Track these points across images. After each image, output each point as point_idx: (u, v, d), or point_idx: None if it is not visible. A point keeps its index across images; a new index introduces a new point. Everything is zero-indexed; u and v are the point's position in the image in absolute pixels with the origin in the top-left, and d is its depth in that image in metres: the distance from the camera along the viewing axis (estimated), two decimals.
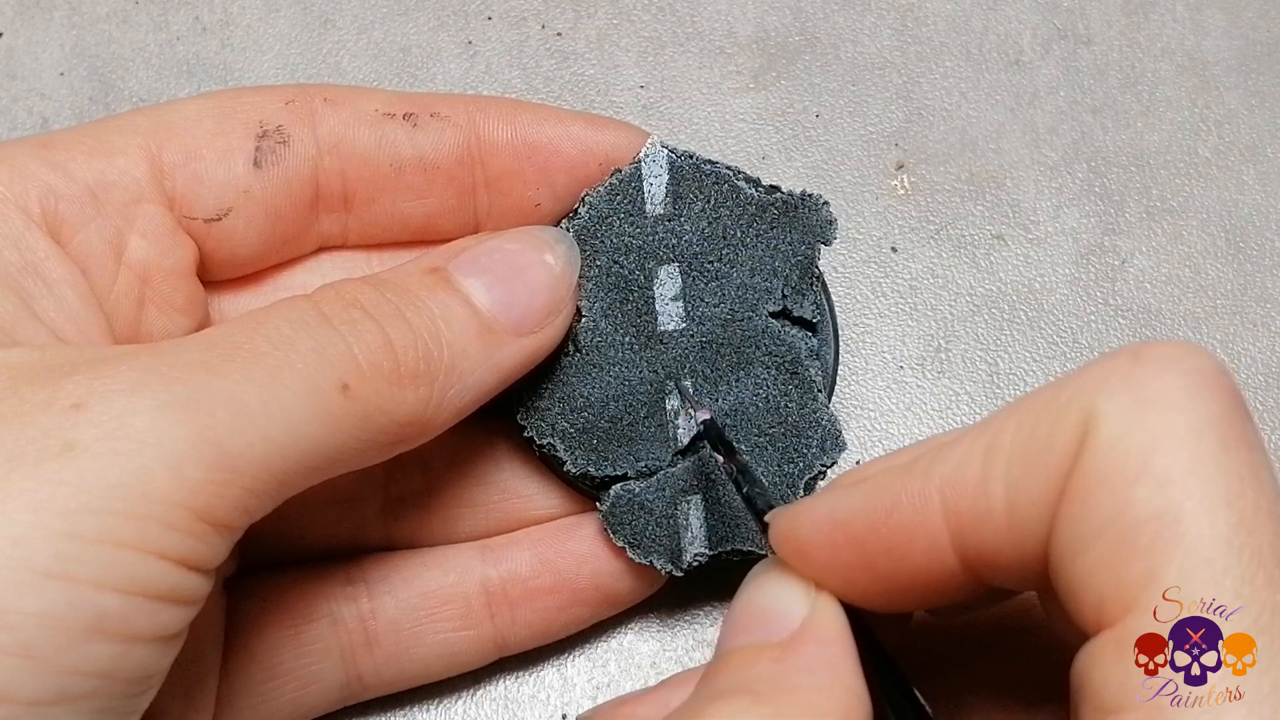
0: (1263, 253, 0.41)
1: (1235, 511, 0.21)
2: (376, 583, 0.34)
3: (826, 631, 0.25)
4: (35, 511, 0.23)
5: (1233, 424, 0.22)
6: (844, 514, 0.25)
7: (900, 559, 0.24)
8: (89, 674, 0.23)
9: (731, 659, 0.25)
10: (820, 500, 0.25)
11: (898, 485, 0.24)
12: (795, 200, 0.34)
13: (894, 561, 0.24)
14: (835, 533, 0.25)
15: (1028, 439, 0.23)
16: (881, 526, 0.24)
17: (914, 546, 0.24)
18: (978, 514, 0.23)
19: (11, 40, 0.43)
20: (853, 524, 0.25)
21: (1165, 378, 0.22)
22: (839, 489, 0.25)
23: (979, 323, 0.40)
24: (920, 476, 0.24)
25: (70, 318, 0.29)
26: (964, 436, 0.24)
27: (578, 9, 0.43)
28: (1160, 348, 0.23)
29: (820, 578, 0.26)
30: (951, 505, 0.24)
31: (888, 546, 0.24)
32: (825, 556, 0.25)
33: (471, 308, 0.30)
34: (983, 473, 0.23)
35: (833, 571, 0.25)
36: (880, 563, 0.24)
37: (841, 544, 0.25)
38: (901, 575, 0.25)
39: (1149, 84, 0.43)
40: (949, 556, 0.24)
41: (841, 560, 0.25)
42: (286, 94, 0.33)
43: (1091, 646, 0.22)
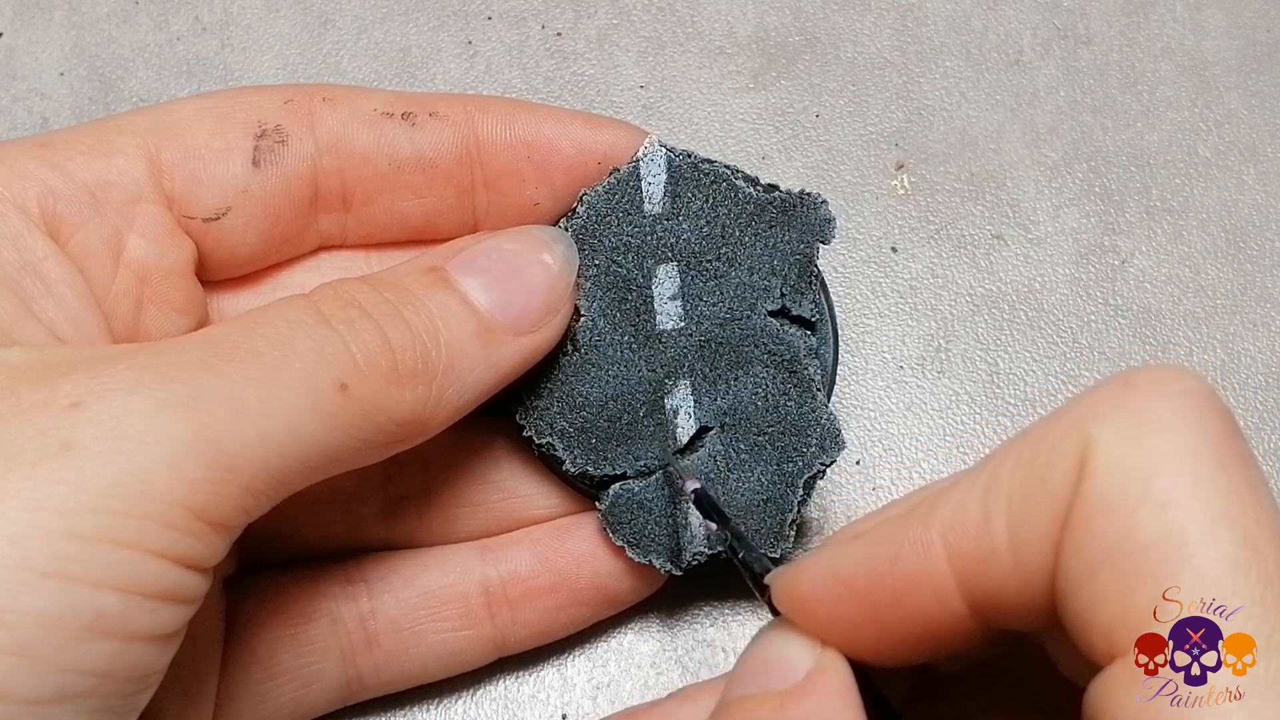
0: (1263, 253, 0.41)
1: (1239, 531, 0.21)
2: (376, 582, 0.34)
3: (830, 684, 0.25)
4: (33, 510, 0.23)
5: (1228, 444, 0.22)
6: (846, 568, 0.24)
7: (907, 609, 0.24)
8: (87, 673, 0.23)
9: (733, 708, 0.25)
10: (820, 556, 0.25)
11: (899, 534, 0.24)
12: (794, 199, 0.34)
13: (900, 612, 0.24)
14: (838, 587, 0.24)
15: (1026, 473, 0.23)
16: (886, 577, 0.24)
17: (920, 595, 0.24)
18: (982, 554, 0.23)
19: (11, 40, 0.43)
20: (856, 577, 0.24)
21: (1158, 402, 0.22)
22: (838, 544, 0.25)
23: (979, 323, 0.40)
24: (921, 523, 0.24)
25: (69, 317, 0.29)
26: (962, 479, 0.24)
27: (578, 9, 0.43)
28: (1150, 373, 0.23)
29: (826, 634, 0.25)
30: (955, 548, 0.23)
31: (893, 597, 0.24)
32: (830, 611, 0.25)
33: (470, 307, 0.30)
34: (984, 512, 0.23)
35: (838, 626, 0.25)
36: (887, 614, 0.24)
37: (845, 598, 0.24)
38: (909, 626, 0.24)
39: (1149, 84, 0.43)
40: (956, 602, 0.24)
41: (847, 614, 0.24)
42: (285, 94, 0.33)
43: (1105, 676, 0.22)
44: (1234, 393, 0.39)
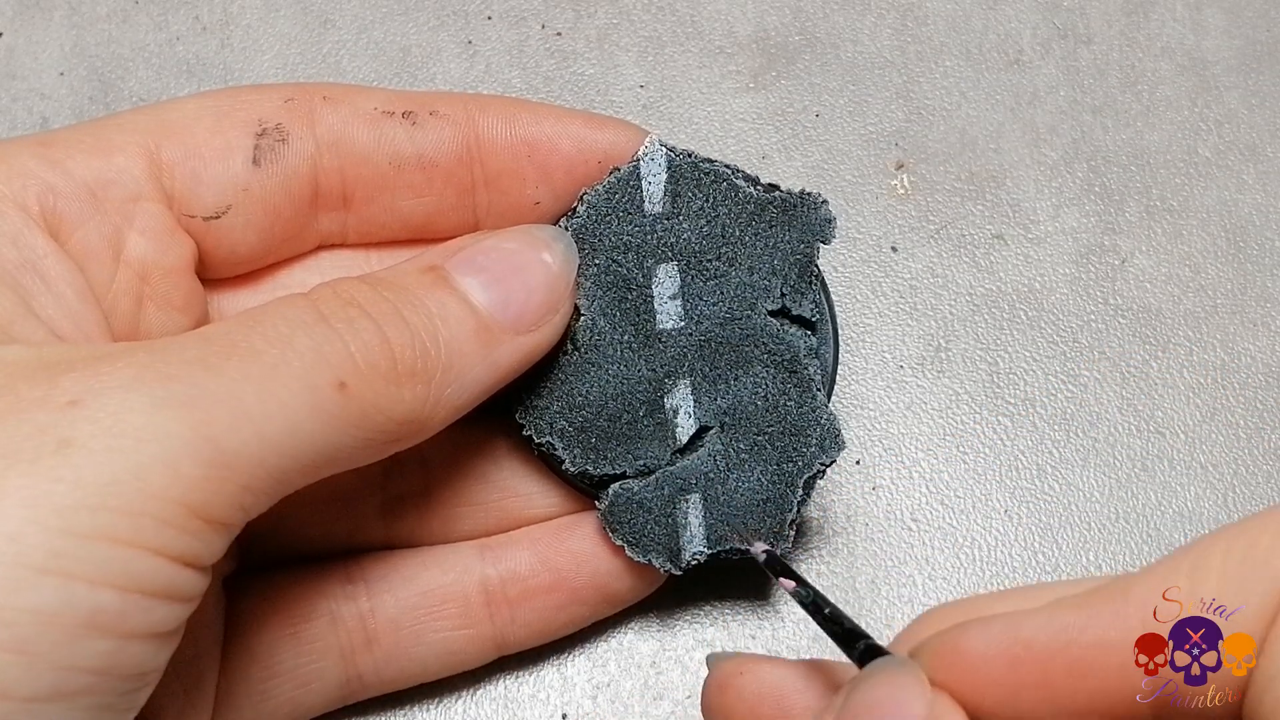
0: (1263, 253, 0.41)
1: None
2: (376, 581, 0.34)
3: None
4: (31, 507, 0.23)
5: None
6: (1030, 631, 0.24)
7: (1083, 681, 0.23)
8: (85, 670, 0.23)
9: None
10: (994, 621, 0.24)
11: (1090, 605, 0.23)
12: (794, 199, 0.34)
13: (1075, 683, 0.23)
14: (1018, 648, 0.24)
15: (1242, 558, 0.22)
16: (1074, 644, 0.23)
17: (1104, 666, 0.23)
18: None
19: (11, 40, 0.43)
20: (1040, 641, 0.24)
21: None
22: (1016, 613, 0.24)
23: (979, 322, 0.40)
24: (1118, 598, 0.23)
25: (68, 315, 0.29)
26: (1158, 564, 0.23)
27: (578, 9, 0.43)
28: None
29: (978, 695, 0.24)
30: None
31: (1072, 667, 0.23)
32: (1001, 674, 0.24)
33: (469, 306, 0.30)
34: (1190, 591, 0.23)
35: (1002, 690, 0.24)
36: (1060, 683, 0.23)
37: (1024, 660, 0.24)
38: (1079, 699, 0.23)
39: (1149, 84, 0.43)
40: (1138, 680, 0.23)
41: (1019, 678, 0.24)
42: (285, 92, 0.33)
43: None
44: (1234, 393, 0.39)
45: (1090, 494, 0.39)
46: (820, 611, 0.29)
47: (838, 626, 0.28)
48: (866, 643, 0.27)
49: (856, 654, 0.26)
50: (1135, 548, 0.38)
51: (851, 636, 0.27)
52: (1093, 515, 0.38)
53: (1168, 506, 0.39)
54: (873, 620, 0.37)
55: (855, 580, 0.38)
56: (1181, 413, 0.39)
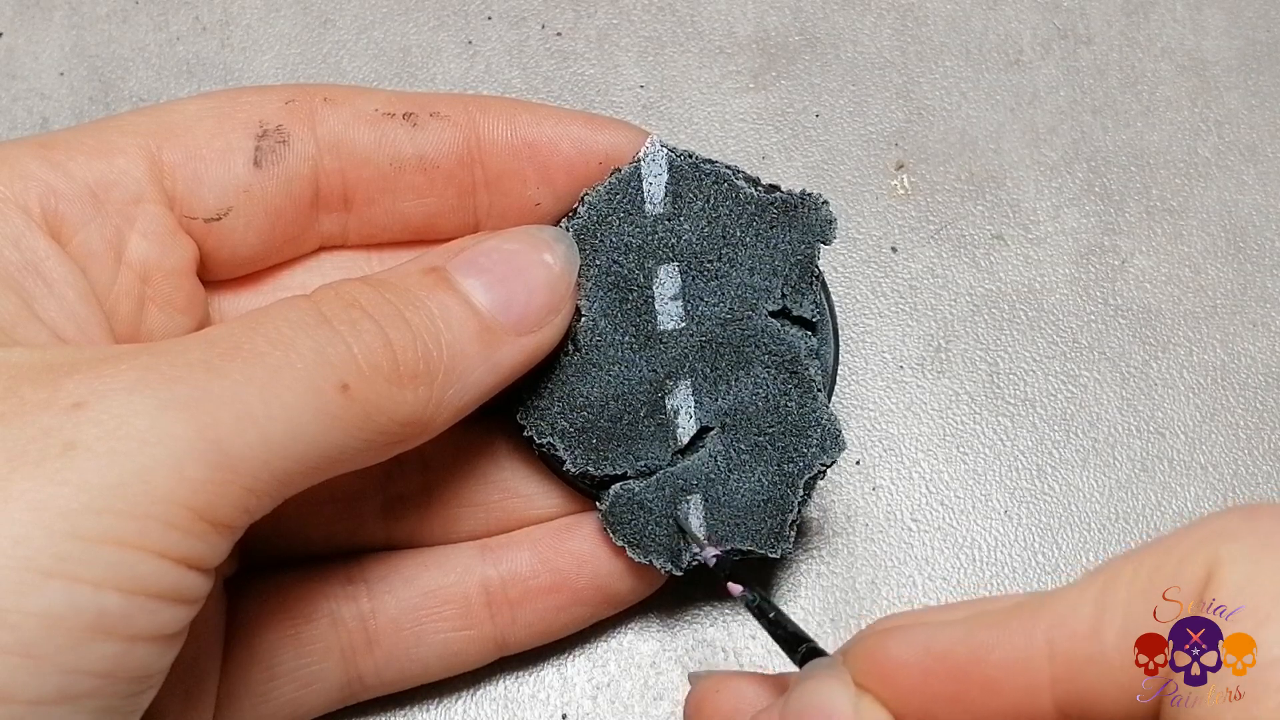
0: (1263, 253, 0.41)
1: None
2: (376, 582, 0.34)
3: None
4: (36, 511, 0.23)
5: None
6: (943, 645, 0.25)
7: (993, 696, 0.24)
8: (90, 673, 0.23)
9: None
10: (914, 630, 0.25)
11: (1003, 623, 0.24)
12: (795, 199, 0.34)
13: (986, 698, 0.24)
14: (930, 661, 0.25)
15: (1148, 581, 0.23)
16: (982, 663, 0.24)
17: (1011, 685, 0.24)
18: (1087, 656, 0.23)
19: (11, 40, 0.43)
20: (952, 655, 0.24)
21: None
22: (935, 623, 0.25)
23: (979, 323, 0.40)
24: (1029, 616, 0.24)
25: (70, 317, 0.29)
26: (1069, 587, 0.24)
27: (578, 9, 0.43)
28: (1273, 507, 0.24)
29: (900, 703, 0.25)
30: (1059, 646, 0.23)
31: (984, 683, 0.24)
32: (914, 683, 0.25)
33: (470, 307, 0.30)
34: (1096, 616, 0.23)
35: (915, 698, 0.25)
36: (972, 698, 0.24)
37: (936, 673, 0.25)
38: (989, 713, 0.24)
39: (1149, 84, 0.43)
40: (1045, 700, 0.24)
41: (930, 689, 0.25)
42: (286, 94, 0.33)
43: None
44: (1234, 393, 0.40)
45: (1090, 494, 0.39)
46: (765, 615, 0.30)
47: (781, 630, 0.29)
48: (808, 646, 0.28)
49: (799, 657, 0.27)
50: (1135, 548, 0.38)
51: (795, 640, 0.28)
52: (1093, 515, 0.38)
53: (1168, 506, 0.39)
54: (872, 621, 0.37)
55: (855, 580, 0.38)
56: (1181, 413, 0.39)
